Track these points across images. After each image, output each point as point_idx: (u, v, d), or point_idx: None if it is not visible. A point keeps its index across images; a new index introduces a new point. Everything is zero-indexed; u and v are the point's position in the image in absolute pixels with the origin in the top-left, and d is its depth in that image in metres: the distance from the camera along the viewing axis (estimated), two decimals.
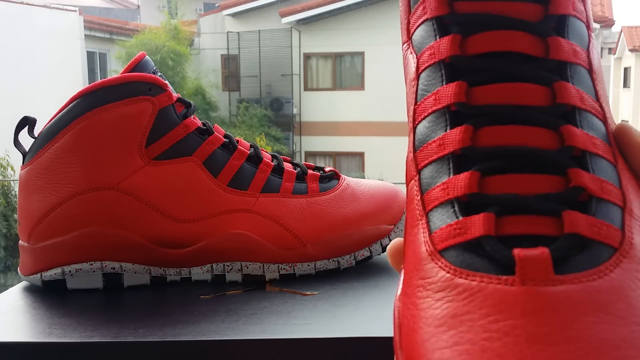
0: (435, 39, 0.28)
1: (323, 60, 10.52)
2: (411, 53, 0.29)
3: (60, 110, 0.46)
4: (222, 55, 10.96)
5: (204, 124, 0.49)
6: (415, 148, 0.27)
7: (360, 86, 10.24)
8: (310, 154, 10.59)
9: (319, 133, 10.49)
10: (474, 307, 0.21)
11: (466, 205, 0.24)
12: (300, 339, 0.36)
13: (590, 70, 0.27)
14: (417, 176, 0.27)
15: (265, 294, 0.45)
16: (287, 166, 0.51)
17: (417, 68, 0.28)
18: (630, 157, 0.26)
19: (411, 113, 0.28)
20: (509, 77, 0.26)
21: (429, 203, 0.25)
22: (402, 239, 0.28)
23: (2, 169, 6.08)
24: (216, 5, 12.29)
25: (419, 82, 0.28)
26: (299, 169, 0.51)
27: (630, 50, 12.27)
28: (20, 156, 0.48)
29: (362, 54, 10.10)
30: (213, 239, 0.46)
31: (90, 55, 9.70)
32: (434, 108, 0.27)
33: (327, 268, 0.48)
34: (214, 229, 0.46)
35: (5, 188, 6.06)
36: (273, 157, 0.51)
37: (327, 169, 0.52)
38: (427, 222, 0.25)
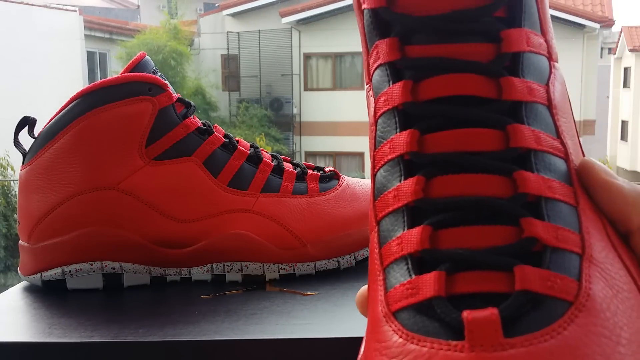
0: (389, 85, 0.27)
1: (323, 60, 10.52)
2: (372, 96, 0.29)
3: (60, 110, 0.46)
4: (222, 55, 10.96)
5: (204, 124, 0.49)
6: (375, 197, 0.27)
7: (360, 86, 10.22)
8: (310, 154, 10.59)
9: (319, 133, 10.48)
10: None
11: (420, 261, 0.23)
12: (300, 338, 0.36)
13: (550, 105, 0.26)
14: (377, 227, 0.26)
15: (265, 294, 0.45)
16: (287, 166, 0.51)
17: (375, 113, 0.28)
18: (595, 194, 0.25)
19: (372, 159, 0.28)
20: (461, 123, 0.25)
21: (386, 258, 0.25)
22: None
23: (2, 169, 6.07)
24: (216, 5, 12.29)
25: (377, 127, 0.27)
26: (299, 169, 0.51)
27: (630, 50, 12.27)
28: (20, 156, 0.48)
29: (362, 53, 10.09)
30: (213, 239, 0.46)
31: (90, 55, 9.70)
32: (390, 157, 0.26)
33: (327, 268, 0.48)
34: (214, 229, 0.46)
35: (5, 188, 6.06)
36: (273, 157, 0.51)
37: (327, 169, 0.52)
38: (384, 279, 0.24)
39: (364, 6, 0.28)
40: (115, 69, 9.58)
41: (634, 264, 0.25)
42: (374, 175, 0.27)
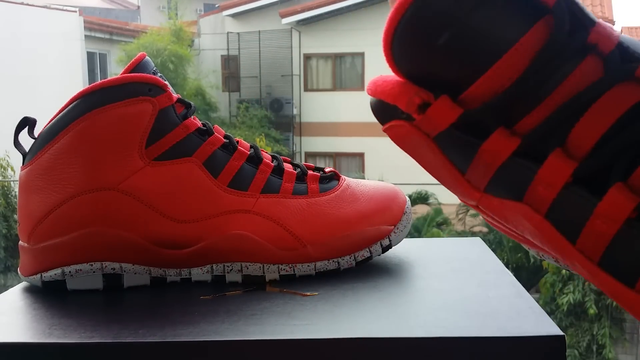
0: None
1: (323, 61, 10.52)
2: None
3: (60, 111, 0.46)
4: (222, 55, 10.96)
5: (204, 125, 0.49)
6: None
7: (360, 87, 10.23)
8: (310, 155, 10.58)
9: (319, 134, 10.48)
10: None
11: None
12: (300, 339, 0.36)
13: None
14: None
15: (265, 294, 0.45)
16: (287, 167, 0.51)
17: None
18: None
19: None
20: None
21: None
22: None
23: (2, 169, 6.08)
24: (216, 5, 12.28)
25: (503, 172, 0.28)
26: (299, 169, 0.51)
27: None
28: (20, 157, 0.48)
29: (362, 54, 10.10)
30: (213, 239, 0.46)
31: (90, 56, 9.71)
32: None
33: (327, 269, 0.48)
34: (214, 229, 0.46)
35: (5, 189, 6.06)
36: (273, 157, 0.51)
37: (327, 170, 0.52)
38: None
39: (440, 128, 0.28)
40: (116, 72, 9.58)
41: None
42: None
